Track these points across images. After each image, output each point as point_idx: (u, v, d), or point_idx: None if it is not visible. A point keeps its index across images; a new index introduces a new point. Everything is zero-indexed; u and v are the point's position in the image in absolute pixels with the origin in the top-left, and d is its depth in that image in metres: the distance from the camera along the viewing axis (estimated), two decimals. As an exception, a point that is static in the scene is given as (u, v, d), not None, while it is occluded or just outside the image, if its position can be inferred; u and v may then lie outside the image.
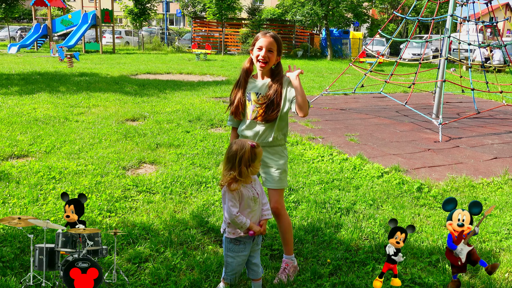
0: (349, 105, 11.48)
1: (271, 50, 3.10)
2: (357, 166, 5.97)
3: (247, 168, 2.70)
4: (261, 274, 3.02)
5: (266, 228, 2.92)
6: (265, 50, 3.09)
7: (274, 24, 34.04)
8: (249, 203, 2.78)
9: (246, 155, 2.70)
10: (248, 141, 2.76)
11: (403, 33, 44.60)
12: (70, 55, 18.29)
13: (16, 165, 5.50)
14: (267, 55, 3.09)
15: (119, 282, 3.11)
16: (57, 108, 9.18)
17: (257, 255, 2.97)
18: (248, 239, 2.84)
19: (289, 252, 3.36)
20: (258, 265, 2.98)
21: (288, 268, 3.31)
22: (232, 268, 2.89)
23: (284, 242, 3.35)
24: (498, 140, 8.03)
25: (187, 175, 5.34)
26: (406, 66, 24.89)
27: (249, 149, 2.71)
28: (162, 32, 40.61)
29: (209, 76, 16.97)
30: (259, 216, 2.87)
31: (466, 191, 5.24)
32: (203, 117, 8.64)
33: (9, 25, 38.40)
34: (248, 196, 2.77)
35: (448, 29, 9.40)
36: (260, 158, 2.78)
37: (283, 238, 3.35)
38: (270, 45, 3.09)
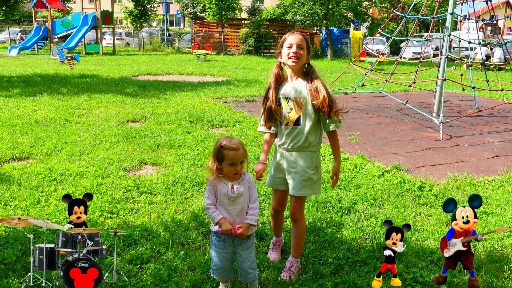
0: (349, 105, 11.47)
1: (301, 47, 3.08)
2: (358, 165, 5.97)
3: (217, 164, 2.72)
4: (253, 279, 2.94)
5: (244, 233, 2.76)
6: (296, 46, 3.07)
7: (274, 24, 34.07)
8: (223, 200, 2.76)
9: (214, 151, 2.73)
10: (226, 140, 2.71)
11: (403, 32, 44.57)
12: (71, 57, 18.31)
13: (17, 167, 5.51)
14: (298, 51, 3.07)
15: (120, 284, 3.12)
16: (58, 110, 9.19)
17: (245, 260, 2.87)
18: (227, 238, 2.80)
19: (297, 256, 3.38)
20: (247, 270, 2.88)
21: (293, 268, 3.33)
22: (215, 263, 2.87)
23: (295, 246, 3.36)
24: (499, 138, 8.02)
25: (188, 176, 5.34)
26: (406, 65, 24.87)
27: (217, 147, 2.71)
28: (162, 33, 40.66)
29: (210, 77, 16.98)
30: (241, 218, 2.80)
31: (468, 189, 5.24)
32: (204, 117, 8.64)
33: (10, 28, 38.45)
34: (222, 192, 2.76)
35: (448, 27, 9.39)
36: (231, 161, 2.69)
37: (295, 242, 3.36)
38: (300, 42, 3.07)
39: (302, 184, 3.18)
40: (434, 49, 30.03)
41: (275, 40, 31.73)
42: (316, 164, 3.21)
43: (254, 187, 2.86)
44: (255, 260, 2.96)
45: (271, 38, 32.19)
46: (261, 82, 15.19)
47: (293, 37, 3.09)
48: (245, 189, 2.80)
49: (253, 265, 2.92)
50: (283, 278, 3.25)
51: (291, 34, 3.12)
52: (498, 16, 10.80)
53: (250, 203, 2.83)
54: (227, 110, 9.71)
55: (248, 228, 2.79)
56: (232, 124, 8.29)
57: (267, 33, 32.33)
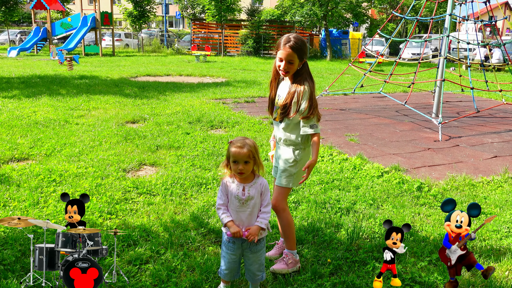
0: (348, 105, 11.48)
1: (291, 62, 3.12)
2: (357, 166, 5.97)
3: (226, 160, 2.77)
4: (260, 281, 2.95)
5: (253, 234, 2.73)
6: (285, 62, 3.13)
7: (273, 25, 34.09)
8: (233, 201, 2.77)
9: (228, 149, 2.76)
10: (239, 138, 2.75)
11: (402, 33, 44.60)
12: (70, 58, 18.31)
13: (17, 168, 5.51)
14: (287, 66, 3.14)
15: (120, 284, 3.12)
16: (57, 111, 9.20)
17: (254, 263, 2.87)
18: (236, 240, 2.79)
19: (291, 247, 3.41)
20: (255, 273, 2.89)
21: (287, 258, 3.37)
22: (225, 263, 2.88)
23: (284, 238, 3.44)
24: (498, 139, 8.03)
25: (187, 176, 5.35)
26: (405, 66, 24.90)
27: (229, 145, 2.76)
28: (161, 34, 40.65)
29: (209, 78, 16.98)
30: (250, 221, 2.79)
31: (466, 190, 5.25)
32: (203, 118, 8.65)
33: (9, 29, 38.45)
34: (233, 193, 2.76)
35: (447, 28, 9.41)
36: (234, 158, 2.72)
37: (282, 233, 3.46)
38: (290, 57, 3.11)
39: (280, 175, 3.32)
40: (433, 50, 30.07)
41: (274, 41, 31.72)
42: (297, 159, 3.26)
43: (267, 192, 2.83)
44: (264, 263, 2.95)
45: (271, 39, 32.21)
46: (260, 83, 15.20)
47: (283, 52, 3.10)
48: (256, 192, 2.78)
49: (262, 268, 2.92)
50: (275, 268, 3.32)
51: (284, 46, 3.10)
52: (497, 17, 10.82)
53: (262, 207, 2.81)
54: (226, 111, 9.71)
55: (258, 230, 2.76)
56: (231, 125, 8.30)
57: (267, 34, 32.36)
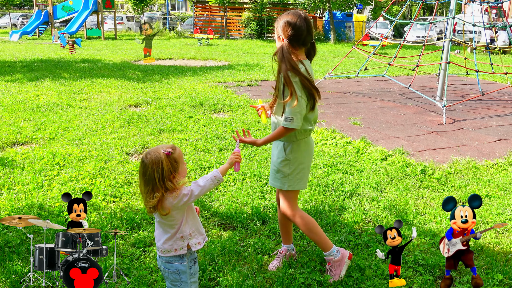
0: (352, 89, 11.41)
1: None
2: (360, 149, 5.96)
3: (171, 180, 2.27)
4: None
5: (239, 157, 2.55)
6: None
7: (276, 8, 33.71)
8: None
9: (165, 168, 2.24)
10: (160, 149, 2.28)
11: (406, 15, 44.11)
12: (72, 41, 18.22)
13: (20, 152, 5.52)
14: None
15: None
16: (60, 94, 9.18)
17: None
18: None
19: (325, 249, 3.14)
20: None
21: (329, 266, 3.16)
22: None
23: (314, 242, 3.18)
24: (503, 122, 7.98)
25: (190, 160, 5.35)
26: (410, 49, 24.66)
27: (165, 159, 2.25)
28: (164, 17, 40.32)
29: (212, 61, 16.89)
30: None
31: (470, 173, 5.23)
32: (206, 102, 8.62)
33: (10, 12, 38.22)
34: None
35: (453, 10, 9.27)
36: (182, 159, 2.35)
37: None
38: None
39: (274, 175, 3.04)
40: (438, 33, 29.75)
41: (277, 24, 31.36)
42: (288, 157, 2.92)
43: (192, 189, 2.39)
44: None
45: (273, 22, 31.87)
46: (263, 66, 15.11)
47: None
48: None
49: None
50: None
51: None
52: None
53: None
54: (229, 94, 9.67)
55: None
56: (234, 108, 8.27)
57: (270, 17, 32.02)
